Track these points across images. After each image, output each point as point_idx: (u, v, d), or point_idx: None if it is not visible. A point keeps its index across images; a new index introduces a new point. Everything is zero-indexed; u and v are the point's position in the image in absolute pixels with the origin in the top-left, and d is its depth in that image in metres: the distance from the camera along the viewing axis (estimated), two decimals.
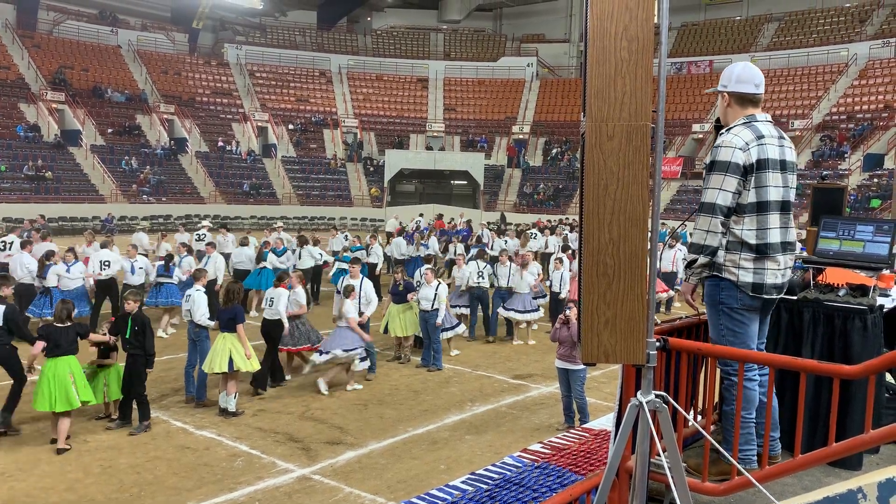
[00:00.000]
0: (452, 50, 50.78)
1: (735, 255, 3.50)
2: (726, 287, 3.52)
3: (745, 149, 3.43)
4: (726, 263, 3.51)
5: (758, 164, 3.43)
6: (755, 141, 3.45)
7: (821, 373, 3.22)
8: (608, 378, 10.69)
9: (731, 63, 3.75)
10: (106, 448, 7.67)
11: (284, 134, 42.32)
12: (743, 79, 3.55)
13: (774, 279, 3.51)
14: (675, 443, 2.86)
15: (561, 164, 41.00)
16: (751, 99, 3.57)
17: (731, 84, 3.56)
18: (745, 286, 3.48)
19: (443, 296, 11.10)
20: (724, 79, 3.61)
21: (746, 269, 3.48)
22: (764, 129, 3.50)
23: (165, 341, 12.37)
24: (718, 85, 3.63)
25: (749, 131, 3.47)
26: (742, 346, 3.53)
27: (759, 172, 3.44)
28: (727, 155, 3.42)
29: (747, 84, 3.55)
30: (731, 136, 3.47)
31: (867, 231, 4.15)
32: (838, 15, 42.28)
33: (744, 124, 3.51)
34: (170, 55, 43.98)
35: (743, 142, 3.44)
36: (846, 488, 2.88)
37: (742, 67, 3.59)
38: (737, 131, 3.48)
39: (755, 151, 3.43)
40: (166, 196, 34.88)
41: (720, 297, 3.55)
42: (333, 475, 7.20)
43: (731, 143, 3.44)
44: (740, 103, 3.56)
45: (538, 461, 5.88)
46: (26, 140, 33.17)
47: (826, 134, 35.40)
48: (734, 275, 3.50)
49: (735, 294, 3.51)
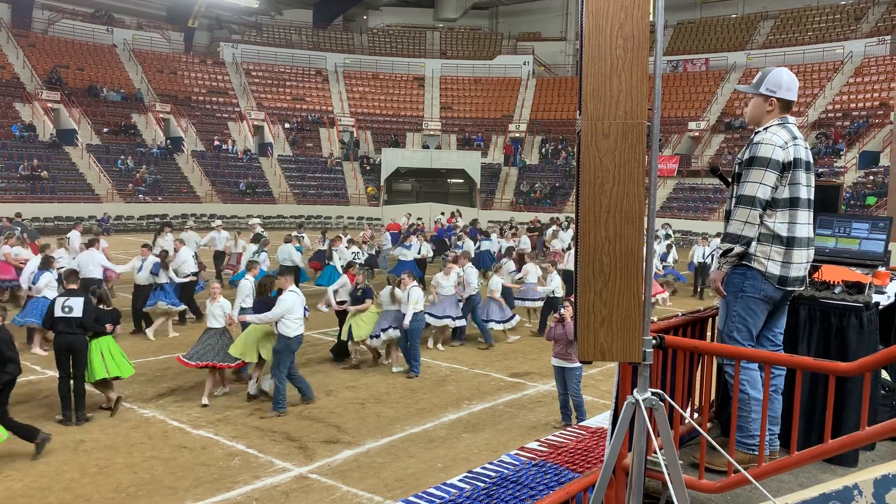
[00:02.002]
0: (449, 48, 50.74)
1: (766, 246, 3.64)
2: (752, 276, 3.66)
3: (784, 147, 3.60)
4: (757, 254, 3.66)
5: (794, 162, 3.62)
6: (791, 141, 3.64)
7: (817, 370, 3.23)
8: (605, 376, 10.71)
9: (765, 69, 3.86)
10: (103, 448, 7.66)
11: (280, 133, 42.26)
12: (791, 87, 3.71)
13: (798, 272, 3.67)
14: (672, 440, 2.87)
15: (557, 163, 41.03)
16: (790, 106, 3.76)
17: (781, 91, 3.70)
18: (772, 277, 3.63)
19: (415, 299, 10.61)
20: (770, 83, 3.71)
21: (776, 260, 3.63)
22: (795, 130, 3.70)
23: (161, 342, 12.36)
24: (762, 88, 3.73)
25: (785, 131, 3.65)
26: (746, 334, 3.68)
27: (795, 171, 3.63)
28: (768, 152, 3.59)
29: (793, 92, 3.73)
30: (771, 135, 3.63)
31: (863, 228, 4.18)
32: (834, 12, 42.35)
33: (779, 125, 3.68)
34: (165, 54, 43.88)
35: (782, 140, 3.61)
36: (842, 485, 2.89)
37: (789, 75, 3.74)
38: (774, 130, 3.66)
39: (792, 150, 3.62)
40: (162, 195, 34.82)
41: (743, 286, 3.68)
42: (331, 474, 7.20)
43: (772, 140, 3.61)
44: (782, 109, 3.73)
45: (535, 459, 5.89)
46: (22, 140, 33.09)
47: (822, 131, 35.45)
48: (763, 265, 3.65)
49: (759, 284, 3.65)
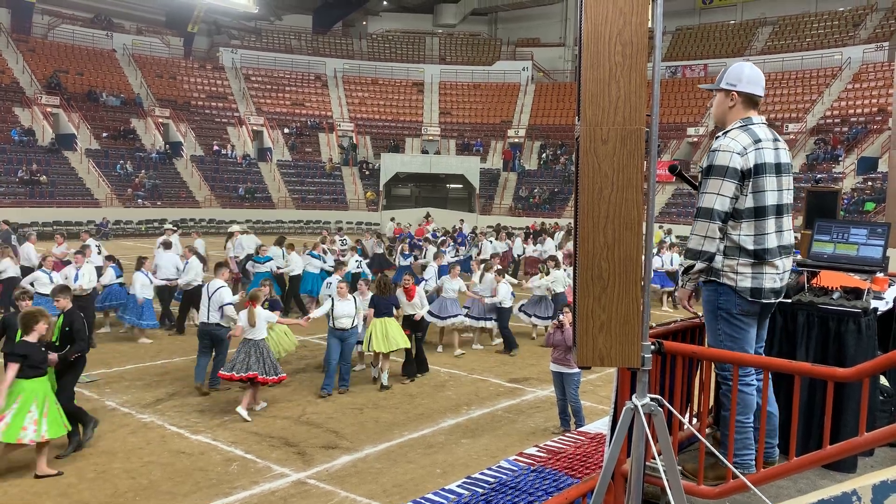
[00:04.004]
0: (448, 54, 50.79)
1: (733, 260, 3.45)
2: (725, 292, 3.49)
3: (742, 153, 3.37)
4: (724, 269, 3.47)
5: (755, 168, 3.38)
6: (752, 145, 3.39)
7: (815, 376, 3.23)
8: (603, 381, 10.70)
9: (727, 65, 3.69)
10: (100, 453, 7.64)
11: (280, 138, 42.27)
12: (753, 80, 3.49)
13: (773, 283, 3.48)
14: (671, 446, 2.86)
15: (556, 168, 41.06)
16: (755, 101, 3.52)
17: (742, 84, 3.48)
18: (744, 291, 3.44)
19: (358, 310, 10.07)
20: (730, 77, 3.52)
21: (744, 274, 3.44)
22: (760, 132, 3.45)
23: (159, 347, 12.33)
24: (722, 83, 3.53)
25: (746, 135, 3.41)
26: (740, 351, 3.49)
27: (757, 177, 3.39)
28: (725, 160, 3.36)
29: (756, 86, 3.50)
30: (729, 141, 3.40)
31: (861, 234, 4.16)
32: (832, 19, 42.45)
33: (740, 128, 3.45)
34: (165, 59, 43.90)
35: (741, 146, 3.38)
36: (841, 491, 2.89)
37: (750, 68, 3.52)
38: (734, 135, 3.42)
39: (752, 156, 3.38)
40: (161, 200, 34.78)
41: (719, 303, 3.51)
42: (329, 479, 7.19)
43: (729, 147, 3.38)
44: (746, 105, 3.51)
45: (534, 465, 5.88)
46: (21, 144, 33.06)
47: (820, 137, 35.51)
48: (732, 280, 3.46)
49: (734, 299, 3.47)
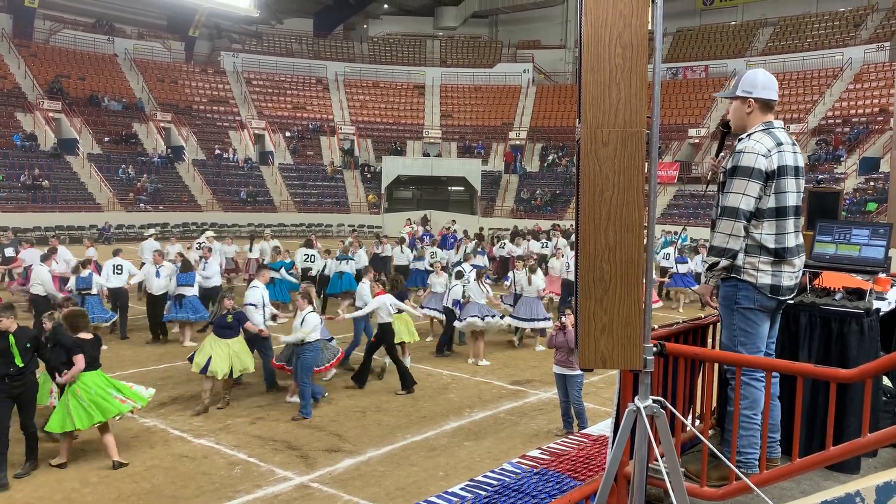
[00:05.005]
0: (449, 57, 50.84)
1: (754, 258, 3.57)
2: (744, 288, 3.60)
3: (767, 155, 3.48)
4: (745, 266, 3.58)
5: (779, 170, 3.49)
6: (776, 148, 3.51)
7: (818, 377, 3.23)
8: (606, 383, 10.69)
9: (740, 73, 3.74)
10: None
11: (281, 141, 42.30)
12: (768, 85, 3.59)
13: (790, 281, 3.61)
14: (673, 448, 2.86)
15: (558, 170, 41.06)
16: (771, 105, 3.61)
17: (758, 90, 3.58)
18: (764, 287, 3.55)
19: (310, 327, 9.18)
20: (745, 84, 3.61)
21: (765, 271, 3.56)
22: (781, 135, 3.56)
23: (163, 350, 12.34)
24: (737, 90, 3.62)
25: (770, 138, 3.53)
26: (752, 345, 3.61)
27: (780, 179, 3.50)
28: (750, 161, 3.47)
29: (771, 91, 3.60)
30: (754, 143, 3.51)
31: (863, 235, 4.17)
32: (833, 19, 42.43)
33: (763, 131, 3.55)
34: (166, 63, 43.97)
35: (766, 148, 3.49)
36: (844, 492, 2.88)
37: (764, 74, 3.62)
38: (758, 137, 3.53)
39: (776, 158, 3.49)
40: (163, 204, 34.81)
41: (737, 298, 3.62)
42: (332, 483, 7.19)
43: (755, 149, 3.48)
44: (762, 110, 3.60)
45: (537, 467, 5.87)
46: (23, 149, 33.10)
47: (822, 138, 35.47)
48: (753, 277, 3.57)
49: (752, 295, 3.58)
